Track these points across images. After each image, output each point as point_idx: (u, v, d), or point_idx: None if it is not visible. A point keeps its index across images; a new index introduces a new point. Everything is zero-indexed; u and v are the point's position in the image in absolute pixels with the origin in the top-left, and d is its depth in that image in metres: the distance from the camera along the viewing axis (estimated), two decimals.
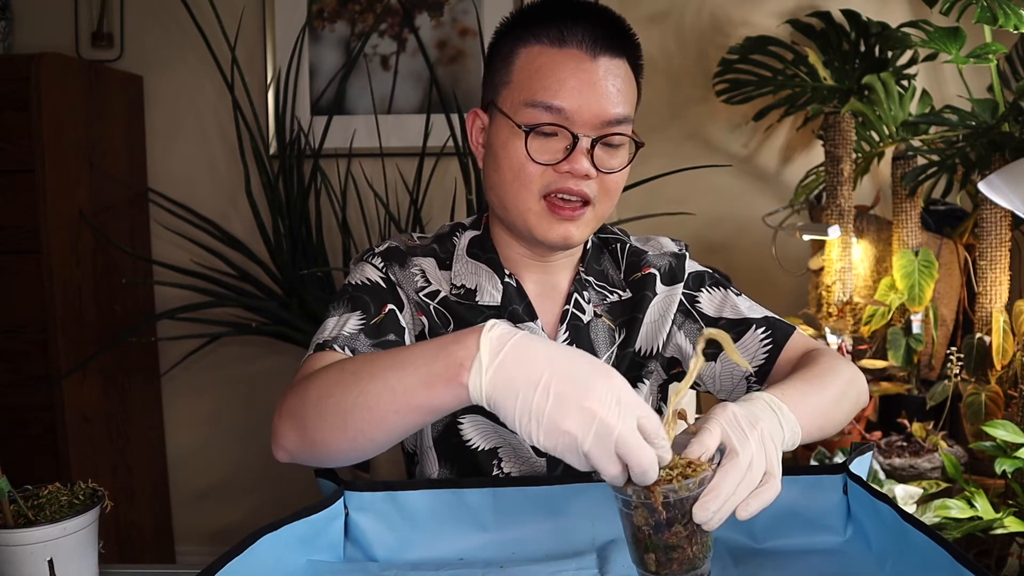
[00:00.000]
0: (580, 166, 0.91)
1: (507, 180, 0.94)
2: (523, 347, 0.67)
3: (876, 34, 2.19)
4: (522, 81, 0.93)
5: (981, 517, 1.38)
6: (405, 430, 0.74)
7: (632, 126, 0.96)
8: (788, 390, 0.82)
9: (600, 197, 0.95)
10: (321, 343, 0.90)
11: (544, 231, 0.94)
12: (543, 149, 0.92)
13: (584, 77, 0.90)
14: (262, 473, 2.49)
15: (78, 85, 2.12)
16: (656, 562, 0.66)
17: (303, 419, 0.77)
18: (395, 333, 0.95)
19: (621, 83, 0.93)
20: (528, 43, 0.93)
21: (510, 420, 0.66)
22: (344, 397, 0.74)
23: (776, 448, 0.72)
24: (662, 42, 2.40)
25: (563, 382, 0.64)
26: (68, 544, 0.81)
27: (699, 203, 2.38)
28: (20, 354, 2.03)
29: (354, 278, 1.00)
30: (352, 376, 0.75)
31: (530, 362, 0.65)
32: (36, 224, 1.98)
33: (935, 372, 2.05)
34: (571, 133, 0.91)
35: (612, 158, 0.94)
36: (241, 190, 2.26)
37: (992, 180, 1.43)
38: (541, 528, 0.84)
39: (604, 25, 0.93)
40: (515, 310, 1.00)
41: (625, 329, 1.05)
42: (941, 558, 0.69)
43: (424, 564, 0.82)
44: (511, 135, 0.93)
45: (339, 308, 0.96)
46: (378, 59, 2.38)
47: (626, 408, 0.64)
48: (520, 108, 0.92)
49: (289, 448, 0.80)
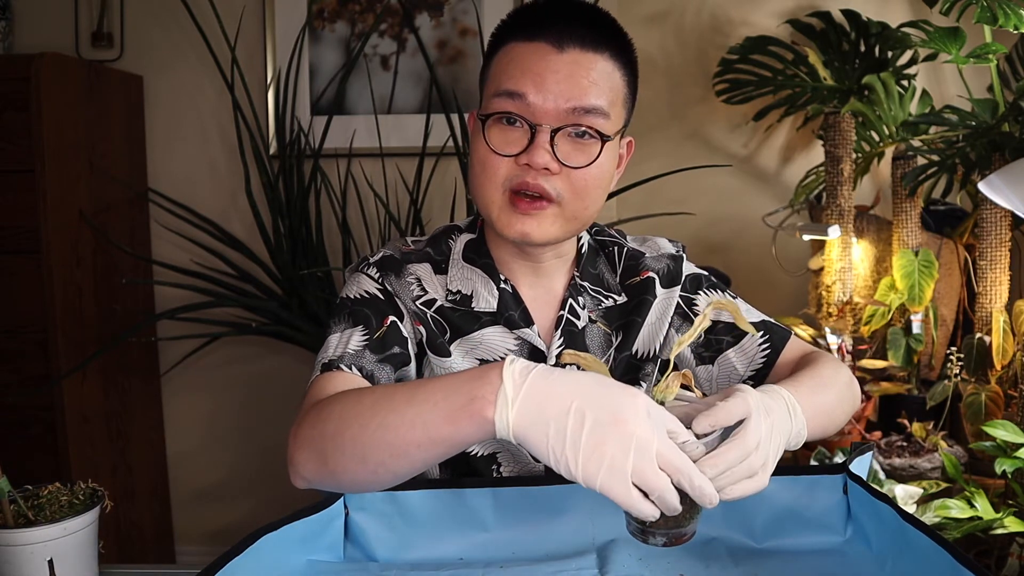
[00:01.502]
0: (538, 158, 0.88)
1: (476, 173, 0.94)
2: (545, 377, 0.67)
3: (876, 34, 2.19)
4: (493, 77, 0.93)
5: (981, 517, 1.38)
6: (427, 462, 0.74)
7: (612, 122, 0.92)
8: (799, 387, 0.83)
9: (568, 194, 0.91)
10: (327, 362, 0.90)
11: (504, 225, 0.92)
12: (505, 141, 0.90)
13: (547, 66, 0.89)
14: (262, 473, 2.49)
15: (78, 85, 2.12)
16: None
17: (322, 451, 0.78)
18: (399, 345, 0.95)
19: (595, 76, 0.89)
20: (505, 42, 0.94)
21: (542, 451, 0.66)
22: (362, 431, 0.75)
23: (780, 443, 0.73)
24: (662, 42, 2.40)
25: (594, 406, 0.65)
26: (68, 544, 0.81)
27: (699, 203, 2.38)
28: (20, 354, 2.03)
29: (351, 291, 1.00)
30: (370, 409, 0.75)
31: (556, 392, 0.66)
32: (36, 224, 1.98)
33: (935, 372, 2.05)
34: (529, 123, 0.89)
35: (579, 152, 0.90)
36: (241, 190, 2.26)
37: (992, 180, 1.43)
38: (541, 528, 0.84)
39: (580, 21, 0.91)
40: (511, 316, 1.00)
41: (621, 333, 1.04)
42: (941, 558, 0.69)
43: (424, 564, 0.82)
44: (477, 127, 0.93)
45: (340, 324, 0.95)
46: (378, 59, 2.38)
47: (657, 421, 0.65)
48: (488, 100, 0.92)
49: (308, 477, 0.80)
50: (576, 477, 0.64)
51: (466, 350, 1.00)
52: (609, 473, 0.63)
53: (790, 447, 0.78)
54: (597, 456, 0.63)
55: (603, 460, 0.63)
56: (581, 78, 0.89)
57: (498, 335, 1.01)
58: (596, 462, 0.63)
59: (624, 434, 0.63)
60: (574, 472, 0.64)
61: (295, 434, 0.81)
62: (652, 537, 0.69)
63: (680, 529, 0.69)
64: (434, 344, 0.99)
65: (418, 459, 0.73)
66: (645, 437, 0.63)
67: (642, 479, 0.63)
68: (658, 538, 0.69)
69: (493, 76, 0.93)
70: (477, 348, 1.00)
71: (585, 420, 0.64)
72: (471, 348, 1.00)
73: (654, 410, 0.65)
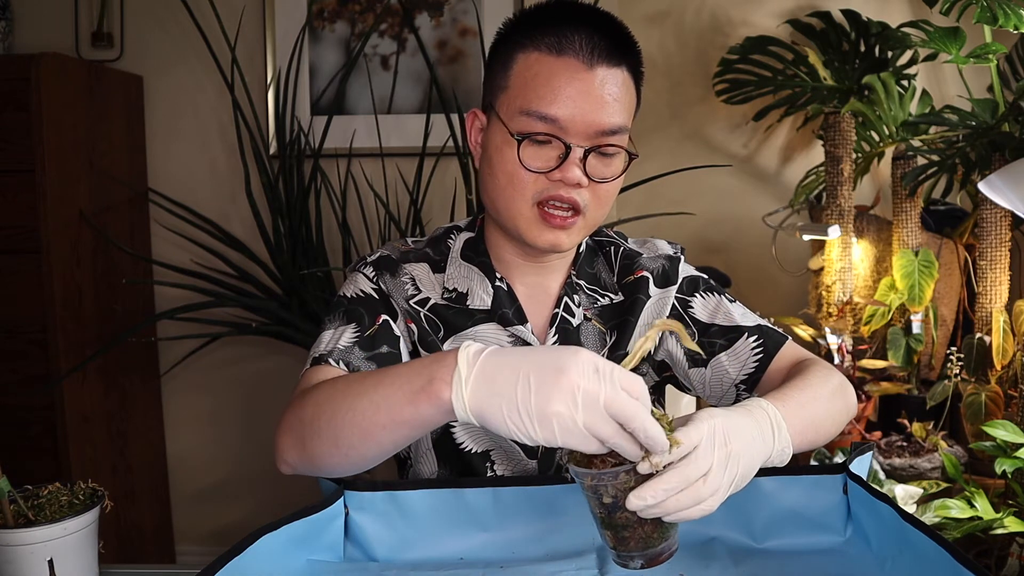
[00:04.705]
0: (572, 175, 0.91)
1: (501, 185, 0.94)
2: (497, 356, 0.68)
3: (876, 34, 2.19)
4: (518, 88, 0.93)
5: (981, 517, 1.38)
6: (395, 443, 0.76)
7: (628, 135, 0.96)
8: (787, 401, 0.82)
9: (592, 205, 0.95)
10: (317, 357, 0.94)
11: (534, 236, 0.95)
12: (536, 156, 0.92)
13: (579, 87, 0.90)
14: (262, 473, 2.49)
15: (78, 85, 2.12)
16: (613, 538, 0.69)
17: (301, 436, 0.81)
18: (388, 344, 0.97)
19: (618, 92, 0.92)
20: (526, 49, 0.93)
21: (500, 425, 0.66)
22: (335, 414, 0.78)
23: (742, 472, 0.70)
24: (662, 42, 2.40)
25: (537, 370, 0.65)
26: (68, 544, 0.81)
27: (699, 203, 2.38)
28: (20, 354, 2.03)
29: (348, 290, 1.03)
30: (341, 394, 0.78)
31: (506, 366, 0.67)
32: (36, 224, 1.98)
33: (935, 372, 2.05)
34: (564, 143, 0.91)
35: (606, 167, 0.94)
36: (241, 190, 2.26)
37: (992, 180, 1.43)
38: (541, 528, 0.84)
39: (604, 33, 0.92)
40: (505, 313, 1.01)
41: (616, 332, 1.05)
42: (941, 558, 0.69)
43: (424, 564, 0.82)
44: (505, 141, 0.93)
45: (334, 321, 0.99)
46: (378, 59, 2.38)
47: (604, 375, 0.65)
48: (515, 115, 0.92)
49: (291, 463, 0.84)
50: (539, 441, 0.65)
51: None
52: (564, 431, 0.64)
53: (775, 463, 0.77)
54: (548, 416, 0.64)
55: (554, 419, 0.63)
56: (608, 97, 0.91)
57: (491, 332, 1.01)
58: (549, 422, 0.64)
59: (567, 387, 0.63)
60: (535, 437, 0.65)
61: (280, 422, 0.86)
62: (631, 561, 0.69)
63: (653, 550, 0.69)
64: (426, 342, 1.01)
65: (386, 440, 0.75)
66: (590, 388, 0.63)
67: (594, 429, 0.63)
68: (636, 561, 0.69)
69: (517, 88, 0.93)
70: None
71: (531, 384, 0.64)
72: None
73: (602, 364, 0.65)
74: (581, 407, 0.63)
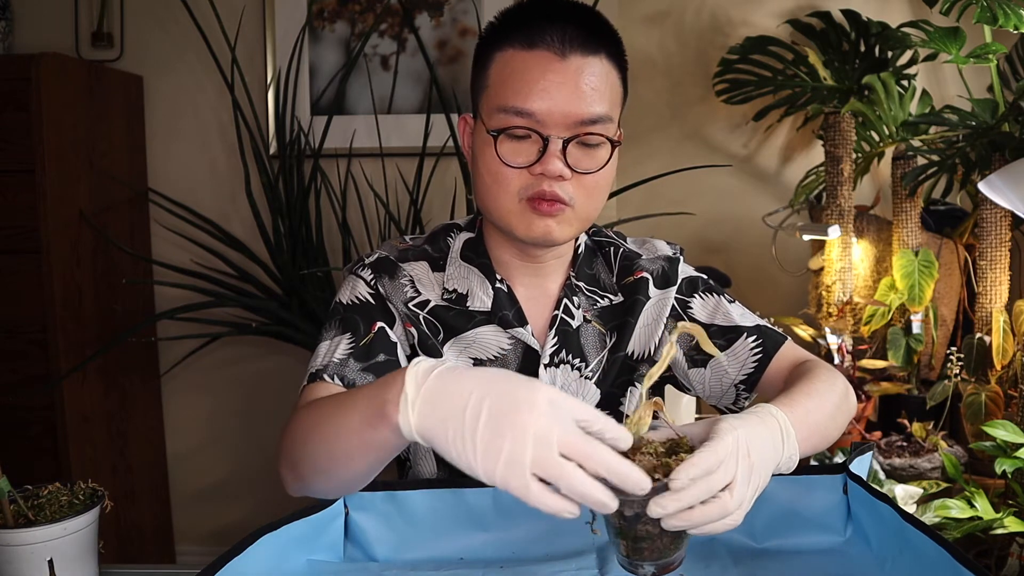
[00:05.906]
0: (553, 167, 0.89)
1: (487, 184, 0.94)
2: (447, 377, 0.64)
3: (876, 34, 2.19)
4: (496, 86, 0.92)
5: (981, 517, 1.38)
6: (371, 465, 0.74)
7: (614, 123, 0.94)
8: (796, 408, 0.80)
9: (579, 197, 0.93)
10: (313, 372, 0.93)
11: (525, 229, 0.94)
12: (516, 152, 0.91)
13: (553, 78, 0.89)
14: (262, 473, 2.49)
15: (78, 85, 2.12)
16: (627, 548, 0.68)
17: (293, 463, 0.81)
18: (385, 352, 0.96)
19: (596, 81, 0.91)
20: (502, 47, 0.93)
21: (445, 451, 0.63)
22: (313, 443, 0.77)
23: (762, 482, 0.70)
24: (662, 42, 2.40)
25: (491, 400, 0.61)
26: (68, 544, 0.81)
27: (699, 203, 2.38)
28: (20, 354, 2.03)
29: (344, 296, 1.01)
30: (315, 421, 0.77)
31: (455, 390, 0.63)
32: (36, 224, 1.98)
33: (935, 372, 2.05)
34: (541, 136, 0.90)
35: (589, 158, 0.92)
36: (241, 190, 2.26)
37: (992, 180, 1.43)
38: (541, 528, 0.84)
39: (576, 22, 0.91)
40: (505, 316, 1.00)
41: (616, 333, 1.04)
42: (941, 558, 0.69)
43: (424, 564, 0.82)
44: (486, 141, 0.93)
45: (331, 331, 0.98)
46: (378, 59, 2.38)
47: (563, 410, 0.61)
48: (494, 113, 0.92)
49: (293, 487, 0.84)
50: (477, 473, 0.61)
51: (459, 349, 1.01)
52: (506, 467, 0.60)
53: (781, 471, 0.76)
54: (494, 449, 0.60)
55: (500, 453, 0.59)
56: (586, 86, 0.90)
57: (492, 334, 1.01)
58: (493, 456, 0.60)
59: (520, 424, 0.59)
60: (475, 468, 0.61)
61: (278, 447, 0.85)
62: (640, 568, 0.69)
63: (667, 559, 0.68)
64: (425, 345, 1.00)
65: (361, 464, 0.74)
66: (543, 425, 0.59)
67: (544, 469, 0.59)
68: (646, 568, 0.68)
69: (494, 86, 0.93)
70: (471, 347, 1.01)
71: (481, 415, 0.61)
72: (465, 347, 1.01)
73: (559, 399, 0.61)
74: (531, 445, 0.59)
